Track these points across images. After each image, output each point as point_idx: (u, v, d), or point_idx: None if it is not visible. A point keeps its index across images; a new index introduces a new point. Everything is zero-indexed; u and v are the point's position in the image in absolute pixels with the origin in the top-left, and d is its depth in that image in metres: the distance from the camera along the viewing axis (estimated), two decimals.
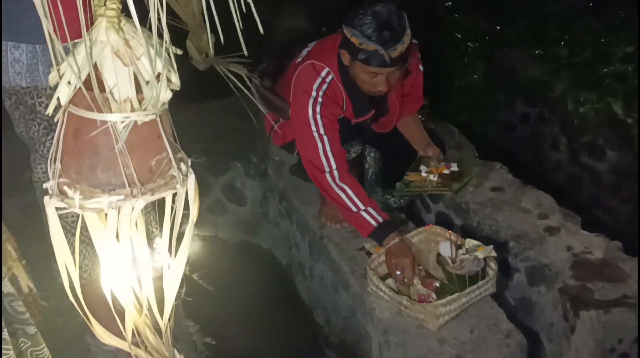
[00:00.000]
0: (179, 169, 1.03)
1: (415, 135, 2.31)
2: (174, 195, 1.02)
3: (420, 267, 1.96)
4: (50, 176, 0.99)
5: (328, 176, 2.05)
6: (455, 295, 1.81)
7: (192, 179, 1.04)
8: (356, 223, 2.07)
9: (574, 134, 3.07)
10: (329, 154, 2.05)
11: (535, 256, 2.11)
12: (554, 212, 2.29)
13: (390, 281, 1.95)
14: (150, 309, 1.06)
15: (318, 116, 2.06)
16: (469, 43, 3.66)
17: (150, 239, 1.09)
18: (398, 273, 1.92)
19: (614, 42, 3.15)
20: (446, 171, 2.15)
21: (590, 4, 3.72)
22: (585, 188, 3.06)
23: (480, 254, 1.85)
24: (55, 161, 0.99)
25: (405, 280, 1.91)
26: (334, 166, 2.05)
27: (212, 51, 1.64)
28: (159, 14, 0.86)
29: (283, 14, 3.78)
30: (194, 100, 3.07)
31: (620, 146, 2.92)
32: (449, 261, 1.90)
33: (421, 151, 2.25)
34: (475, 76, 3.57)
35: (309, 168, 2.10)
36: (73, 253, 1.03)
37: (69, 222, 1.66)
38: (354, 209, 2.03)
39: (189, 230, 1.05)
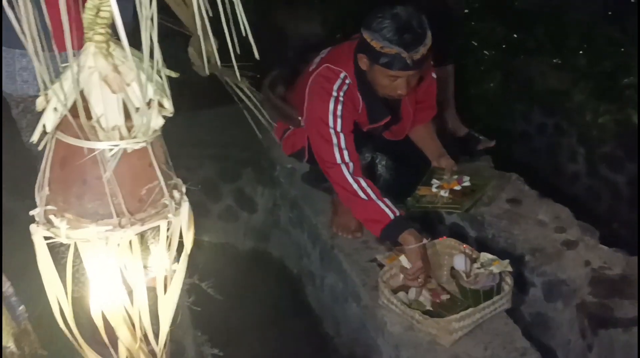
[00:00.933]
0: (172, 197, 0.99)
1: (429, 145, 2.26)
2: (169, 223, 0.98)
3: (431, 278, 1.93)
4: (38, 203, 0.96)
5: (343, 167, 1.99)
6: (469, 310, 1.77)
7: (185, 207, 1.00)
8: (370, 216, 1.97)
9: (592, 145, 3.00)
10: (344, 150, 2.00)
11: (552, 271, 2.05)
12: (571, 226, 2.24)
13: (402, 294, 1.91)
14: (145, 337, 1.03)
15: (339, 115, 2.02)
16: (485, 51, 3.61)
17: (146, 244, 1.06)
18: (414, 278, 1.88)
19: (633, 52, 3.08)
20: (457, 187, 2.09)
21: (610, 13, 3.66)
22: (604, 201, 2.99)
23: (495, 268, 1.81)
24: (42, 189, 0.95)
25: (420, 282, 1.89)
26: (348, 159, 2.00)
27: (217, 57, 1.61)
28: (151, 36, 0.83)
29: (297, 20, 3.77)
30: (206, 106, 3.05)
31: (638, 157, 2.85)
32: (463, 275, 1.85)
33: (434, 162, 2.21)
34: (492, 85, 3.51)
35: (322, 163, 2.06)
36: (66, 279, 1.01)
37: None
38: (370, 198, 1.95)
39: (183, 260, 1.01)
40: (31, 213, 0.97)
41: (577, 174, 3.12)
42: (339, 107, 2.02)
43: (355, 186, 1.98)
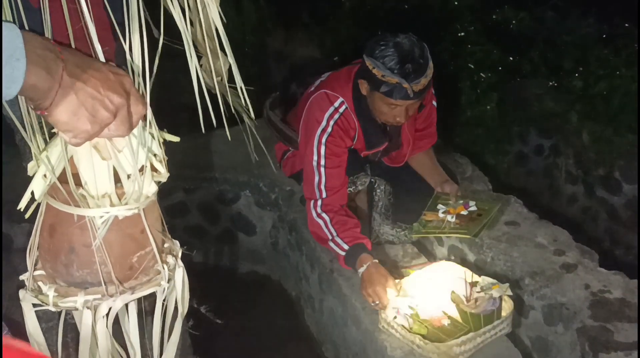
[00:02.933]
0: (165, 262, 0.97)
1: (430, 172, 2.27)
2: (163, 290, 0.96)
3: (397, 281, 1.92)
4: (28, 267, 0.94)
5: (312, 203, 2.09)
6: (470, 334, 1.76)
7: (180, 273, 0.98)
8: (331, 252, 2.10)
9: (589, 167, 3.02)
10: (322, 187, 2.07)
11: (552, 295, 2.05)
12: (570, 248, 2.24)
13: (399, 318, 1.89)
14: None
15: (323, 147, 2.06)
16: (481, 73, 3.65)
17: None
18: (372, 303, 1.89)
19: (628, 75, 3.12)
20: (464, 212, 2.06)
21: (604, 36, 3.71)
22: (601, 223, 3.00)
23: (495, 293, 1.80)
24: (31, 253, 0.94)
25: (379, 306, 1.88)
26: (323, 196, 2.08)
27: (226, 77, 1.62)
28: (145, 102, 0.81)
29: (295, 43, 3.80)
30: (205, 128, 3.06)
31: (636, 180, 2.86)
32: (464, 299, 1.84)
33: (438, 188, 2.20)
34: (489, 107, 3.55)
35: (304, 192, 2.16)
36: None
37: None
38: (329, 237, 2.06)
39: (177, 325, 0.99)
40: (21, 277, 0.96)
41: (574, 196, 3.14)
42: (324, 138, 2.05)
43: (320, 222, 2.08)
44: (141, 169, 0.89)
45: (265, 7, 3.93)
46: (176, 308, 1.01)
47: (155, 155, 0.93)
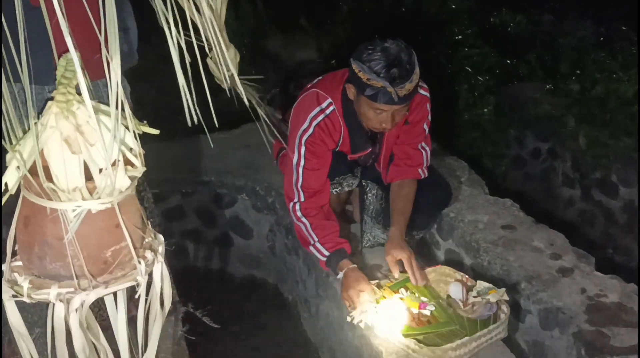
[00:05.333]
0: (143, 258, 0.96)
1: (397, 218, 2.12)
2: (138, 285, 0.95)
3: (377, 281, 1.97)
4: (5, 258, 0.95)
5: (291, 206, 2.12)
6: (466, 338, 1.76)
7: (158, 268, 0.98)
8: (312, 255, 2.12)
9: (586, 170, 3.02)
10: (300, 187, 2.11)
11: (548, 299, 2.05)
12: (567, 252, 2.24)
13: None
14: None
15: (302, 147, 2.08)
16: (478, 77, 3.65)
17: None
18: (348, 307, 1.95)
19: (625, 78, 3.13)
20: (414, 310, 1.84)
21: (601, 39, 3.72)
22: (598, 226, 3.00)
23: (492, 297, 1.80)
24: (9, 244, 0.94)
25: (351, 309, 1.92)
26: (301, 198, 2.11)
27: (236, 70, 1.61)
28: (121, 96, 0.81)
29: (293, 46, 3.81)
30: (202, 131, 3.06)
31: (633, 183, 2.86)
32: (460, 304, 1.84)
33: (388, 250, 2.05)
34: (486, 110, 3.55)
35: (284, 190, 2.19)
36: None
37: None
38: (311, 241, 2.08)
39: (158, 321, 0.99)
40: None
41: (571, 199, 3.14)
42: (304, 138, 2.07)
43: (301, 226, 2.12)
44: (114, 164, 0.89)
45: (262, 11, 3.94)
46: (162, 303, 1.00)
47: (131, 149, 0.93)
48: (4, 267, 0.94)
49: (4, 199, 0.90)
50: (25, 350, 0.96)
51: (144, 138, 1.00)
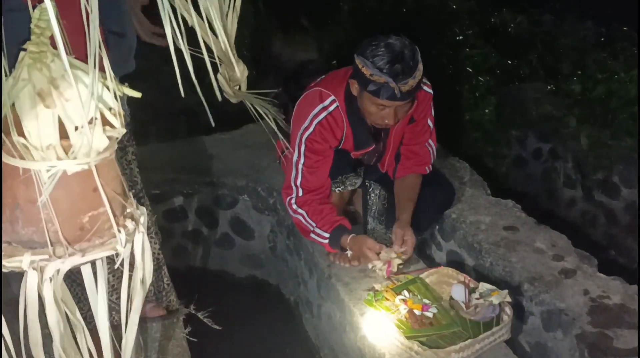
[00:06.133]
0: (123, 226, 0.90)
1: (402, 206, 2.16)
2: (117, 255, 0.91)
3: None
4: None
5: (287, 200, 2.18)
6: (469, 341, 1.75)
7: (139, 238, 0.92)
8: (315, 240, 2.16)
9: (587, 171, 3.01)
10: (298, 184, 2.14)
11: (551, 300, 2.04)
12: (569, 253, 2.23)
13: (398, 320, 1.88)
14: None
15: (303, 145, 2.10)
16: (479, 77, 3.64)
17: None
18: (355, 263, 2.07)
19: (626, 79, 3.12)
20: (417, 312, 1.84)
21: (602, 39, 3.71)
22: (600, 227, 2.99)
23: (495, 299, 1.79)
24: None
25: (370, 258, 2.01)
26: (299, 193, 2.15)
27: (244, 85, 1.60)
28: (100, 46, 0.76)
29: (294, 46, 3.80)
30: (203, 131, 3.06)
31: (635, 184, 2.86)
32: (463, 306, 1.83)
33: (396, 228, 2.09)
34: (487, 111, 3.54)
35: (283, 187, 2.22)
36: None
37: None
38: (310, 228, 2.13)
39: (137, 299, 0.94)
40: None
41: (573, 200, 3.13)
42: (305, 135, 2.09)
43: (299, 218, 2.16)
44: (91, 122, 0.83)
45: (263, 11, 3.93)
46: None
47: (110, 109, 0.87)
48: None
49: None
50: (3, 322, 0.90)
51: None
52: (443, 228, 2.49)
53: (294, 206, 2.15)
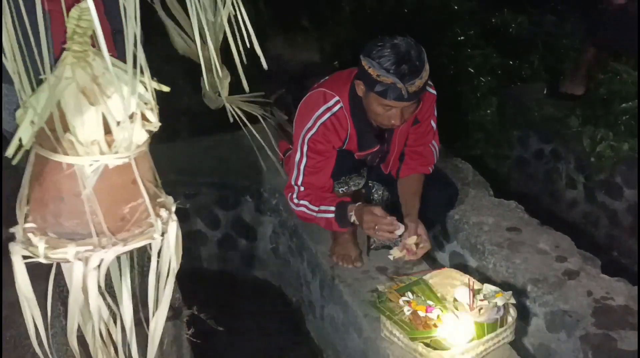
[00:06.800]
0: (159, 216, 0.94)
1: (408, 202, 2.15)
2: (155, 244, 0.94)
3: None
4: (18, 219, 0.91)
5: (289, 196, 2.16)
6: (474, 342, 1.75)
7: (173, 227, 0.96)
8: (325, 224, 2.11)
9: (590, 172, 3.01)
10: (299, 183, 2.13)
11: (555, 302, 2.04)
12: (572, 254, 2.23)
13: (402, 321, 1.87)
14: None
15: (305, 146, 2.09)
16: (481, 77, 3.64)
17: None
18: (376, 228, 1.97)
19: (629, 80, 3.12)
20: (422, 313, 1.82)
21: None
22: (602, 228, 2.99)
23: (499, 301, 1.79)
24: (21, 205, 0.91)
25: (385, 228, 1.96)
26: (300, 190, 2.14)
27: (226, 92, 1.61)
28: (136, 44, 0.79)
29: (295, 47, 3.80)
30: (205, 132, 3.06)
31: (638, 185, 2.85)
32: (467, 307, 1.83)
33: (406, 220, 2.07)
34: (489, 111, 3.53)
35: (285, 187, 2.21)
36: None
37: None
38: (314, 214, 2.11)
39: (170, 281, 0.97)
40: (11, 230, 0.93)
41: (575, 201, 3.13)
42: (308, 136, 2.08)
43: (303, 209, 2.14)
44: (131, 117, 0.87)
45: (264, 11, 3.93)
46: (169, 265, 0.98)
47: (146, 103, 0.91)
48: (18, 228, 0.91)
49: (18, 156, 0.86)
50: (29, 315, 0.93)
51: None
52: (446, 228, 2.49)
53: (295, 201, 2.15)
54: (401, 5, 3.95)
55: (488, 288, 1.86)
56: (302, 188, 2.12)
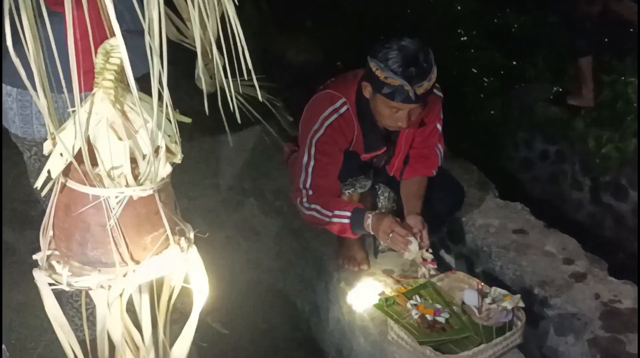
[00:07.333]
0: (179, 244, 0.97)
1: (411, 201, 2.15)
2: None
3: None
4: (41, 247, 0.95)
5: (298, 201, 2.11)
6: (482, 346, 1.74)
7: (193, 254, 0.99)
8: (338, 230, 2.07)
9: (595, 173, 3.00)
10: (308, 186, 2.10)
11: (562, 305, 2.03)
12: (579, 257, 2.22)
13: (409, 325, 1.86)
14: None
15: (313, 148, 2.07)
16: (485, 78, 3.63)
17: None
18: (390, 236, 1.94)
19: (634, 81, 3.11)
20: (429, 317, 1.80)
21: (606, 40, 3.69)
22: (608, 230, 2.98)
23: (508, 304, 1.78)
24: (46, 233, 0.94)
25: (400, 239, 1.93)
26: (309, 193, 2.10)
27: (220, 75, 1.59)
28: (160, 81, 0.81)
29: (297, 48, 3.79)
30: (208, 133, 3.04)
31: (638, 186, 2.85)
32: (475, 311, 1.82)
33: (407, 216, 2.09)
34: (493, 112, 3.53)
35: (293, 190, 2.18)
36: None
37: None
38: (327, 219, 2.05)
39: (193, 315, 0.99)
40: (34, 257, 0.95)
41: (580, 202, 3.12)
42: (315, 138, 2.07)
43: (314, 213, 2.09)
44: (156, 151, 0.90)
45: (267, 12, 3.91)
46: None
47: (169, 136, 0.94)
48: (40, 255, 0.94)
49: (47, 187, 0.90)
50: (65, 342, 0.96)
51: None
52: (452, 231, 2.48)
53: (306, 205, 2.11)
54: (405, 6, 3.94)
55: (496, 291, 1.85)
56: (310, 192, 2.10)
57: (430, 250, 1.98)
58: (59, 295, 0.99)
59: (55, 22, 0.84)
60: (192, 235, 1.01)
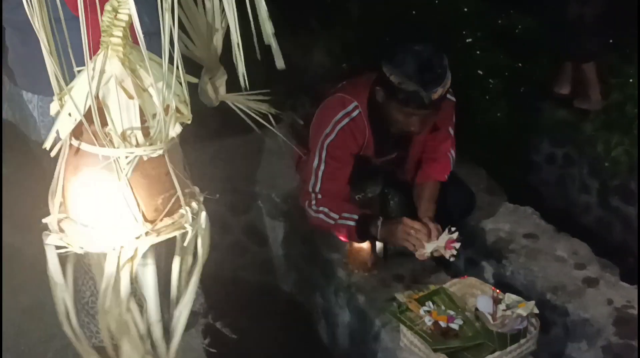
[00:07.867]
0: (189, 206, 0.97)
1: (423, 204, 2.16)
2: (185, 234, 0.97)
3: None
4: (51, 210, 0.93)
5: (307, 204, 2.11)
6: (497, 353, 1.73)
7: (203, 216, 0.99)
8: (344, 233, 2.07)
9: (603, 176, 2.99)
10: (317, 190, 2.09)
11: (575, 310, 2.02)
12: (591, 262, 2.21)
13: (422, 330, 1.85)
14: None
15: (324, 151, 2.07)
16: (490, 80, 3.61)
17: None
18: (412, 233, 1.93)
19: None
20: (443, 323, 1.79)
21: (610, 41, 3.67)
22: (617, 234, 2.97)
23: (522, 311, 1.77)
24: (55, 196, 0.93)
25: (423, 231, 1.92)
26: (318, 197, 2.09)
27: (223, 90, 1.59)
28: (172, 41, 0.81)
29: (303, 49, 3.77)
30: (215, 137, 3.02)
31: (638, 187, 2.83)
32: (489, 317, 1.81)
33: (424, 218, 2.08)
34: (498, 114, 3.50)
35: (302, 193, 2.17)
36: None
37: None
38: (334, 222, 2.05)
39: (197, 270, 1.01)
40: (44, 220, 0.94)
41: (589, 206, 3.10)
42: (326, 142, 2.06)
43: (320, 216, 2.09)
44: (166, 109, 0.88)
45: (271, 13, 3.89)
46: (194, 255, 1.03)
47: (177, 95, 0.93)
48: (50, 218, 0.93)
49: (56, 149, 0.89)
50: (60, 300, 0.96)
51: None
52: (462, 235, 2.46)
53: (314, 208, 2.10)
54: (410, 8, 3.91)
55: (510, 297, 1.83)
56: (319, 196, 2.09)
57: (454, 229, 1.97)
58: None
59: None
60: (201, 198, 1.01)
